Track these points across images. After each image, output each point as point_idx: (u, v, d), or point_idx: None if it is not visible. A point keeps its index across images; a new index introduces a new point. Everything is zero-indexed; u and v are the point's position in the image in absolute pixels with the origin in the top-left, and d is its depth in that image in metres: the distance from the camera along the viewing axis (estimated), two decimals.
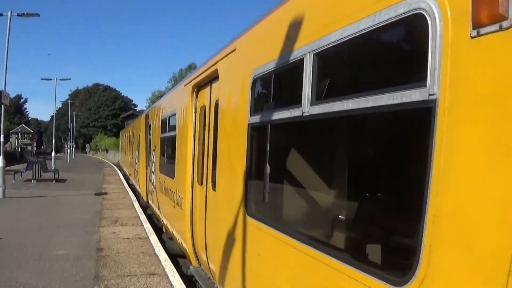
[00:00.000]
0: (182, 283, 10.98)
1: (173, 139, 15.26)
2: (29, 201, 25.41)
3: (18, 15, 30.13)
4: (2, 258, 12.97)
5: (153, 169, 20.90)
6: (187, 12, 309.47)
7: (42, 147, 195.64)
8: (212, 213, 10.00)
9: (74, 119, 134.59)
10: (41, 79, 68.67)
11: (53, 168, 45.91)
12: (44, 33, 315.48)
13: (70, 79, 69.28)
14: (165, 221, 16.90)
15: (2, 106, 28.00)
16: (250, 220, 7.39)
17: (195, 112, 12.33)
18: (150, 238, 16.20)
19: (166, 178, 16.43)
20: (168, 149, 17.23)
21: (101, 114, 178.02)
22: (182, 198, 12.79)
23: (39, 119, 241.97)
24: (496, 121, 2.97)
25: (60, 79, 67.10)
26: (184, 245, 12.54)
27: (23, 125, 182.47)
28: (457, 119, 3.27)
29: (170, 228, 15.34)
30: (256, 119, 7.24)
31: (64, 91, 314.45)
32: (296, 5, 6.29)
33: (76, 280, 11.08)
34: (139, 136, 29.01)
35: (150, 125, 23.49)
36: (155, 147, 20.62)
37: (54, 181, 37.24)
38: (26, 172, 38.74)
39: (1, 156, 26.71)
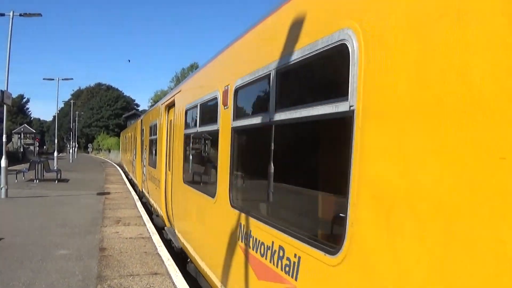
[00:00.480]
0: (185, 283, 10.99)
1: (155, 141, 21.13)
2: (32, 201, 25.43)
3: (20, 15, 30.15)
4: (5, 257, 12.98)
5: (144, 164, 26.70)
6: (189, 11, 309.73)
7: (45, 147, 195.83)
8: (171, 187, 16.00)
9: (77, 119, 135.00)
10: (43, 79, 68.75)
11: (55, 168, 45.92)
12: (46, 33, 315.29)
13: (72, 79, 69.27)
14: (152, 202, 22.45)
15: (5, 106, 28.03)
16: (184, 185, 13.54)
17: (167, 124, 18.00)
18: (152, 237, 16.21)
19: (151, 169, 22.57)
20: (153, 148, 22.70)
21: (103, 114, 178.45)
22: (159, 181, 18.85)
23: (41, 119, 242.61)
24: (392, 126, 4.08)
25: (62, 79, 67.15)
26: (161, 213, 18.21)
27: (26, 125, 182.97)
28: (369, 125, 4.39)
29: (155, 206, 20.73)
30: (187, 131, 13.51)
31: (67, 91, 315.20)
32: (201, 74, 12.77)
33: (79, 279, 11.08)
34: (136, 137, 33.81)
35: (142, 130, 28.55)
36: (146, 146, 26.21)
37: (56, 181, 37.27)
38: (28, 172, 38.83)
39: (3, 156, 26.75)
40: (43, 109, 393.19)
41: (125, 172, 51.74)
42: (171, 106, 17.37)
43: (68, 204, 24.41)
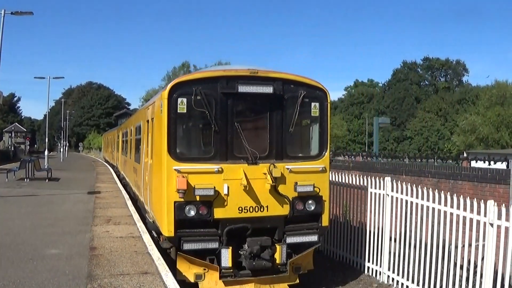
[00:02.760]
0: (175, 282, 10.97)
1: (135, 140, 24.33)
2: (22, 200, 25.38)
3: (11, 13, 30.07)
4: None
5: (121, 156, 37.33)
6: (180, 10, 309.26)
7: (35, 145, 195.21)
8: (124, 162, 30.62)
9: (67, 117, 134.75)
10: (35, 77, 69.11)
11: (46, 167, 45.71)
12: (37, 31, 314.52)
13: (63, 77, 69.73)
14: (124, 175, 33.45)
15: None
16: (131, 160, 25.39)
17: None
18: (143, 237, 16.16)
19: (130, 159, 27.60)
20: (130, 144, 28.02)
21: (94, 113, 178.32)
22: (125, 160, 28.54)
23: (32, 117, 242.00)
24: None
25: (53, 78, 67.27)
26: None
27: (17, 123, 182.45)
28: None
29: (127, 178, 30.29)
30: (137, 137, 22.01)
31: (58, 89, 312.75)
32: (126, 123, 30.26)
33: (69, 279, 11.06)
34: (115, 139, 45.91)
35: (119, 135, 40.23)
36: (123, 143, 34.35)
37: (47, 180, 37.15)
38: (19, 171, 38.66)
39: None
40: (34, 107, 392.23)
41: (106, 162, 63.89)
42: (122, 128, 33.99)
43: (58, 203, 24.36)
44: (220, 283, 13.42)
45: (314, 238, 14.12)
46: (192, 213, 13.08)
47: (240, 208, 13.34)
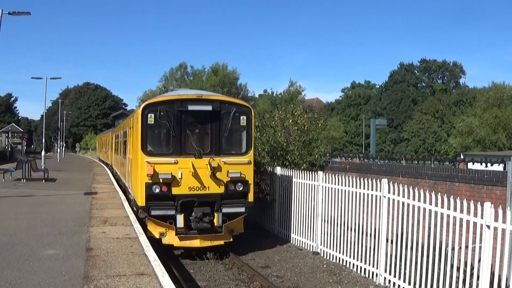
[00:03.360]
0: (172, 283, 10.97)
1: (123, 141, 30.31)
2: (19, 200, 25.38)
3: (9, 13, 30.03)
4: None
5: (114, 154, 42.34)
6: (178, 11, 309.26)
7: (32, 146, 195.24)
8: (116, 159, 38.31)
9: (64, 118, 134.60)
10: (32, 78, 69.28)
11: (43, 167, 45.76)
12: (34, 32, 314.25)
13: (60, 78, 69.40)
14: (116, 170, 38.96)
15: None
16: (120, 157, 31.78)
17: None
18: (139, 238, 16.17)
19: (119, 156, 33.58)
20: (120, 145, 34.02)
21: (91, 114, 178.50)
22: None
23: (29, 118, 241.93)
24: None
25: (50, 78, 67.09)
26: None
27: (13, 124, 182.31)
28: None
29: (120, 174, 32.97)
30: (124, 139, 28.31)
31: (55, 90, 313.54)
32: (118, 128, 36.98)
33: (65, 279, 11.06)
34: (109, 140, 53.43)
35: (112, 137, 46.44)
36: (116, 144, 39.84)
37: (43, 180, 37.17)
38: (15, 171, 38.66)
39: None
40: (31, 108, 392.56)
41: (100, 161, 71.06)
42: (115, 131, 40.68)
43: (55, 203, 24.36)
44: (176, 239, 19.25)
45: (242, 209, 20.04)
46: (157, 190, 18.89)
47: (190, 187, 19.17)
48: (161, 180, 18.82)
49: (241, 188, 19.80)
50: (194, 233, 19.25)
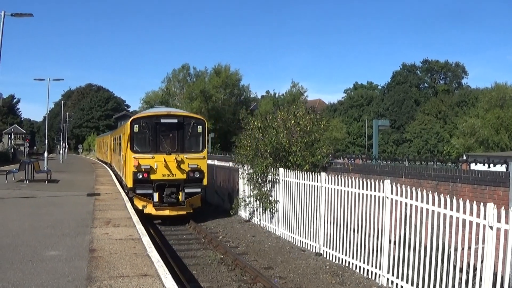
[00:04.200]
0: (175, 284, 10.97)
1: (118, 143, 38.04)
2: (22, 201, 25.40)
3: (11, 15, 30.03)
4: None
5: (112, 153, 49.97)
6: (180, 12, 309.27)
7: (35, 147, 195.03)
8: (114, 157, 47.89)
9: (67, 119, 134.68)
10: (34, 79, 68.71)
11: (45, 168, 45.72)
12: (37, 33, 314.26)
13: (63, 79, 69.43)
14: (113, 165, 47.41)
15: None
16: (117, 155, 40.76)
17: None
18: (142, 239, 16.17)
19: (116, 154, 41.30)
20: (116, 146, 41.29)
21: (94, 115, 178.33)
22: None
23: (32, 119, 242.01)
24: None
25: (53, 80, 67.05)
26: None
27: (16, 125, 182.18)
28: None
29: (116, 168, 42.07)
30: (119, 142, 37.25)
31: (57, 91, 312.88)
32: (114, 133, 47.71)
33: (68, 280, 11.07)
34: (107, 142, 62.62)
35: (110, 140, 55.00)
36: (113, 145, 47.60)
37: (46, 181, 37.18)
38: (18, 173, 38.72)
39: None
40: (33, 109, 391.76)
41: (99, 161, 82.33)
42: (113, 135, 48.68)
43: (58, 205, 24.38)
44: (153, 209, 27.81)
45: (198, 190, 28.83)
46: (140, 176, 27.49)
47: (162, 174, 27.92)
48: (143, 170, 27.56)
49: (198, 175, 28.70)
50: (165, 205, 28.08)
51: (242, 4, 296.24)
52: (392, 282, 15.27)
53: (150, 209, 27.69)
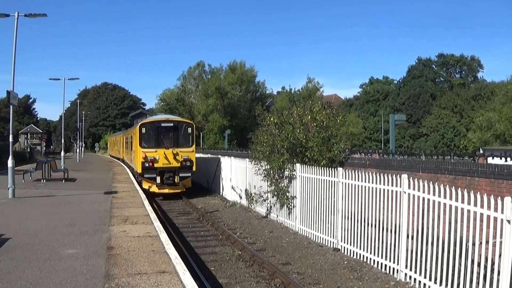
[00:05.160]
0: (193, 281, 10.99)
1: (130, 142, 48.67)
2: (39, 200, 25.53)
3: (25, 15, 30.04)
4: (12, 257, 13.02)
5: (125, 149, 60.00)
6: (195, 10, 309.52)
7: (51, 146, 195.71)
8: (126, 154, 59.43)
9: (83, 118, 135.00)
10: (50, 79, 68.85)
11: (62, 167, 46.05)
12: (51, 33, 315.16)
13: (78, 78, 69.48)
14: (125, 159, 61.68)
15: (11, 106, 28.10)
16: (131, 151, 48.54)
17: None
18: (160, 236, 16.20)
19: (128, 150, 51.80)
20: (128, 144, 51.38)
21: (110, 113, 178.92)
22: (127, 153, 56.55)
23: (48, 119, 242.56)
24: None
25: (68, 79, 66.94)
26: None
27: (32, 125, 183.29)
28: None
29: (128, 161, 56.02)
30: (131, 140, 48.30)
31: (73, 91, 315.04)
32: (126, 133, 62.53)
33: (87, 278, 11.12)
34: (121, 139, 69.75)
35: (122, 138, 65.81)
36: (126, 143, 57.51)
37: (63, 180, 37.52)
38: (35, 172, 38.98)
39: (10, 156, 26.82)
40: (49, 109, 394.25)
41: (116, 158, 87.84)
42: (125, 135, 62.09)
43: (75, 203, 24.49)
44: (156, 189, 37.36)
45: (189, 174, 38.19)
46: (147, 165, 36.65)
47: (163, 163, 37.05)
48: (149, 160, 37.11)
49: (188, 164, 38.30)
50: (165, 186, 37.89)
51: (258, 0, 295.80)
52: (410, 277, 15.23)
53: (154, 188, 37.92)
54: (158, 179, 37.46)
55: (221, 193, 40.55)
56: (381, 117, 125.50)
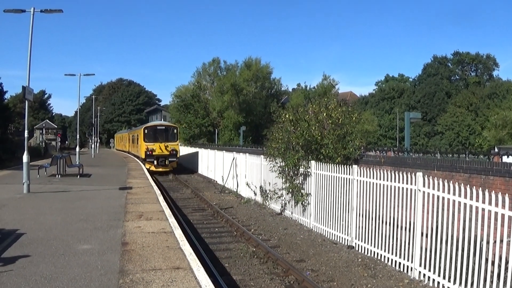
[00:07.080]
0: (207, 277, 11.01)
1: (136, 138, 72.29)
2: (54, 196, 25.59)
3: (41, 11, 30.06)
4: (27, 253, 13.07)
5: (131, 144, 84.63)
6: (211, 6, 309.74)
7: (66, 142, 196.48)
8: (132, 147, 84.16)
9: (98, 114, 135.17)
10: (65, 74, 70.55)
11: (77, 163, 46.12)
12: (67, 29, 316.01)
13: (94, 74, 70.76)
14: (131, 151, 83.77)
15: (26, 102, 28.15)
16: (137, 145, 72.56)
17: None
18: (175, 232, 16.23)
19: (135, 144, 75.70)
20: (134, 140, 75.89)
21: (125, 109, 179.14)
22: (137, 148, 71.52)
23: (63, 114, 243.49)
24: None
25: (84, 75, 67.15)
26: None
27: (47, 120, 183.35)
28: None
29: (133, 152, 78.35)
30: (136, 137, 72.97)
31: (88, 86, 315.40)
32: (131, 132, 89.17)
33: (101, 274, 11.15)
34: (127, 136, 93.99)
35: (128, 136, 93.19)
36: (131, 139, 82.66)
37: (78, 176, 37.53)
38: (50, 167, 39.06)
39: (25, 152, 26.89)
40: (64, 104, 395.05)
41: (119, 153, 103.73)
42: (131, 133, 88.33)
43: (90, 198, 24.55)
44: (154, 168, 58.31)
45: (175, 159, 60.86)
46: (148, 153, 58.90)
47: (158, 152, 59.23)
48: (149, 150, 57.98)
49: (174, 153, 59.31)
50: (160, 166, 58.56)
51: None
52: (424, 275, 15.20)
53: (152, 168, 57.21)
54: (155, 162, 58.88)
55: (236, 190, 40.32)
56: (396, 114, 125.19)
